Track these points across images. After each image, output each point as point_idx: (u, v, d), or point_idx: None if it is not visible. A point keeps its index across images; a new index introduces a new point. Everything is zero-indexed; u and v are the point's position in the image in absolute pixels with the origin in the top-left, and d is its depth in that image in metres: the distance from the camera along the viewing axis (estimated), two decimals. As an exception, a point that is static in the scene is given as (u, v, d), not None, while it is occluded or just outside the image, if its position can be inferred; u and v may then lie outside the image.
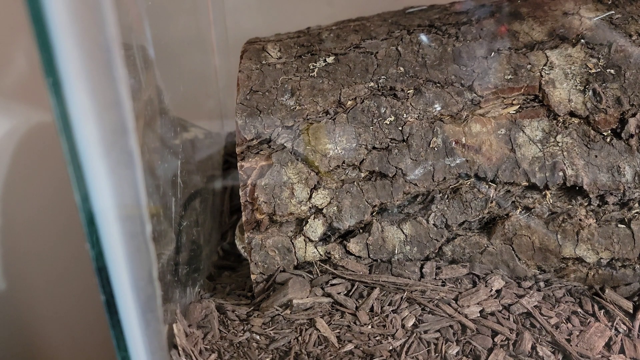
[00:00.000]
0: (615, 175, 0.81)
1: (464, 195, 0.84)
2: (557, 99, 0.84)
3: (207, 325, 0.80)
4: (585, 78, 0.85)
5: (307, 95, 0.88)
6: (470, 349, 0.76)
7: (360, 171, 0.85)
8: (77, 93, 0.46)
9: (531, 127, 0.84)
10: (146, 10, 1.12)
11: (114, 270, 0.51)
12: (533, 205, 0.84)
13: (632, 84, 0.83)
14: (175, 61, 1.18)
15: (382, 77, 0.89)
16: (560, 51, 0.88)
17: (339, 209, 0.85)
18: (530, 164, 0.83)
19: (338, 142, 0.85)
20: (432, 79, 0.88)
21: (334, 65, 0.91)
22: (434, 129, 0.85)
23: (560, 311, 0.81)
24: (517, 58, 0.88)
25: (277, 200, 0.85)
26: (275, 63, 0.93)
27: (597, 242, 0.83)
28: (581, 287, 0.86)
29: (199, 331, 0.79)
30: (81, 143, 0.48)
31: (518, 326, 0.79)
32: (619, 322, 0.81)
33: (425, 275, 0.84)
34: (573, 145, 0.83)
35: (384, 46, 0.93)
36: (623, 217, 0.83)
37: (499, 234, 0.84)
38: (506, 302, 0.82)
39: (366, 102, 0.87)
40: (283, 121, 0.87)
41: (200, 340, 0.77)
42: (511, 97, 0.85)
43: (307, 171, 0.85)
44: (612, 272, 0.85)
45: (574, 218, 0.83)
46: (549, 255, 0.84)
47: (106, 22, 0.48)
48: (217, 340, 0.78)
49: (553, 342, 0.77)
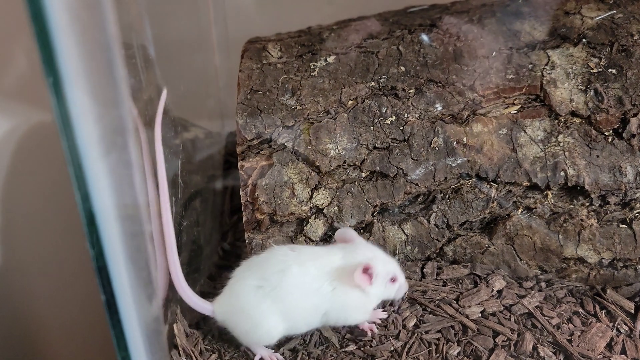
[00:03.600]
0: (617, 175, 0.81)
1: (465, 195, 0.84)
2: (558, 99, 0.84)
3: (207, 326, 0.80)
4: (587, 78, 0.85)
5: (308, 94, 0.88)
6: (471, 350, 0.76)
7: (361, 171, 0.85)
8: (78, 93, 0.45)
9: (532, 127, 0.84)
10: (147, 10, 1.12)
11: (114, 270, 0.51)
12: (534, 206, 0.83)
13: (634, 83, 0.83)
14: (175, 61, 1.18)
15: (383, 76, 0.88)
16: (562, 51, 0.87)
17: (339, 209, 0.84)
18: (531, 164, 0.82)
19: (339, 141, 0.85)
20: (433, 78, 0.88)
21: (335, 65, 0.91)
22: (435, 128, 0.85)
23: (562, 311, 0.81)
24: (518, 58, 0.88)
25: (278, 200, 0.84)
26: (276, 62, 0.93)
27: (598, 242, 0.83)
28: (583, 287, 0.85)
29: (199, 331, 0.78)
30: (81, 143, 0.48)
31: (519, 327, 0.79)
32: (620, 322, 0.81)
33: (426, 275, 0.84)
34: (575, 145, 0.82)
35: (385, 46, 0.92)
36: (625, 217, 0.82)
37: (500, 234, 0.84)
38: (507, 302, 0.81)
39: (367, 102, 0.87)
40: (284, 121, 0.87)
41: (201, 340, 0.77)
42: (512, 96, 0.85)
43: (308, 171, 0.85)
44: (613, 273, 0.84)
45: (576, 218, 0.82)
46: (551, 256, 0.84)
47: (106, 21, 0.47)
48: (217, 340, 0.78)
49: (554, 343, 0.77)
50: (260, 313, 0.72)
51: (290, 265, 0.72)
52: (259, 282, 0.73)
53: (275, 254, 0.75)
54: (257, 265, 0.75)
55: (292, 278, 0.72)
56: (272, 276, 0.72)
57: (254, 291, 0.72)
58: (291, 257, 0.73)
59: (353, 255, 0.74)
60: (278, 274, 0.72)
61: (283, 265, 0.73)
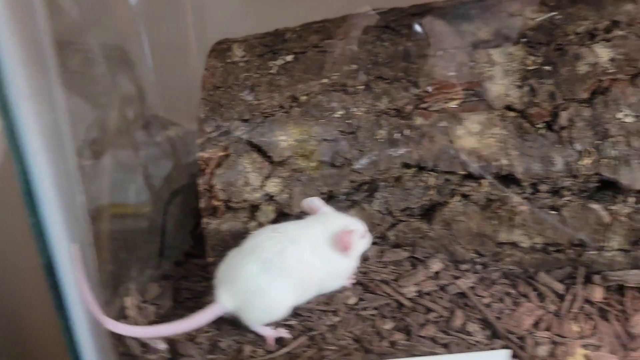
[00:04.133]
0: (547, 164, 0.87)
1: (405, 183, 0.90)
2: (495, 94, 0.90)
3: (161, 302, 0.86)
4: (523, 75, 0.90)
5: (265, 91, 0.95)
6: (404, 325, 0.82)
7: (311, 161, 0.91)
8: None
9: (470, 120, 0.89)
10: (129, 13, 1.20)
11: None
12: (470, 193, 0.89)
13: (566, 79, 0.89)
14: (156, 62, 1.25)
15: (335, 74, 0.95)
16: (502, 50, 0.93)
17: (290, 196, 0.91)
18: (468, 154, 0.88)
19: (291, 134, 0.92)
20: (382, 75, 0.94)
21: (292, 63, 0.98)
22: (379, 122, 0.91)
23: (494, 292, 0.87)
24: (461, 56, 0.94)
25: (233, 188, 0.91)
26: (238, 61, 1.00)
27: (530, 227, 0.88)
28: (517, 270, 0.91)
29: (153, 307, 0.85)
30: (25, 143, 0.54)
31: (452, 305, 0.84)
32: (549, 302, 0.86)
33: (369, 258, 0.90)
34: (508, 137, 0.88)
35: (340, 45, 0.99)
36: (554, 204, 0.88)
37: (439, 220, 0.90)
38: (443, 283, 0.87)
39: (319, 97, 0.93)
40: (241, 115, 0.93)
41: (153, 314, 0.83)
42: (453, 92, 0.91)
43: (261, 161, 0.91)
44: (545, 256, 0.90)
45: (508, 205, 0.88)
46: (486, 240, 0.90)
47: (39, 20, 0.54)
48: (170, 315, 0.84)
49: (483, 320, 0.82)
50: (274, 291, 0.79)
51: (286, 245, 0.80)
52: (262, 265, 0.79)
53: (265, 237, 0.82)
54: (253, 251, 0.81)
55: (291, 256, 0.80)
56: (273, 257, 0.79)
57: (260, 274, 0.79)
58: (283, 237, 0.81)
59: (331, 224, 0.82)
60: (278, 254, 0.79)
61: (280, 246, 0.80)
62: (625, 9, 0.92)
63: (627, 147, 0.85)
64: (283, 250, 0.80)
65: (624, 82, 0.87)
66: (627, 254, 0.89)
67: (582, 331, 0.82)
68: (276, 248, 0.80)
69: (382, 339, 0.80)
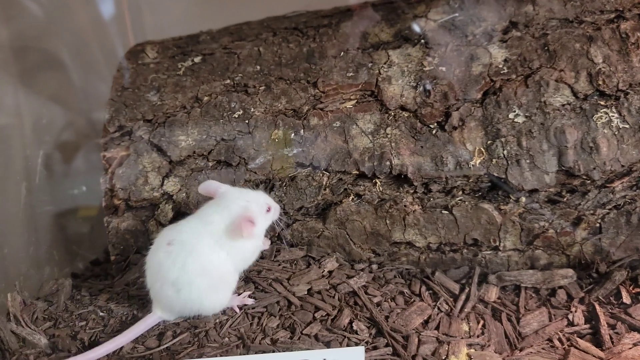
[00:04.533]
0: (439, 164, 0.87)
1: (299, 182, 0.90)
2: (390, 94, 0.90)
3: (54, 300, 0.87)
4: (419, 75, 0.91)
5: (170, 91, 0.96)
6: (290, 323, 0.82)
7: (209, 160, 0.92)
8: None
9: (364, 120, 0.90)
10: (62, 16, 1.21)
11: None
12: (364, 192, 0.90)
13: (460, 80, 0.89)
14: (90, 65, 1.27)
15: (239, 74, 0.96)
16: (401, 51, 0.94)
17: (187, 195, 0.92)
18: (361, 154, 0.89)
19: (190, 134, 0.92)
20: (283, 76, 0.95)
21: (200, 65, 0.99)
22: (276, 122, 0.92)
23: (387, 291, 0.87)
24: (361, 57, 0.94)
25: (133, 187, 0.92)
26: (150, 63, 1.01)
27: (423, 227, 0.89)
28: (414, 270, 0.91)
29: (45, 303, 0.86)
30: None
31: (341, 303, 0.85)
32: (442, 302, 0.86)
33: (265, 256, 0.91)
34: (401, 137, 0.89)
35: (248, 47, 1.00)
36: (446, 204, 0.88)
37: (333, 219, 0.91)
38: (335, 282, 0.87)
39: (220, 98, 0.94)
40: (144, 115, 0.94)
41: (40, 310, 0.84)
42: (350, 92, 0.92)
43: (160, 160, 0.92)
44: (441, 256, 0.90)
45: (400, 204, 0.88)
46: (381, 240, 0.90)
47: None
48: (60, 311, 0.85)
49: (370, 318, 0.83)
50: (205, 299, 0.80)
51: (185, 258, 0.78)
52: (174, 286, 0.78)
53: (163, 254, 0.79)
54: (159, 272, 0.79)
55: (193, 265, 0.78)
56: (179, 275, 0.78)
57: (178, 293, 0.78)
58: (180, 249, 0.78)
59: (228, 212, 0.79)
60: (182, 270, 0.78)
61: (180, 260, 0.78)
62: (525, 10, 0.93)
63: (517, 147, 0.86)
64: (185, 265, 0.78)
65: (516, 83, 0.88)
66: (523, 254, 0.89)
67: (470, 330, 0.82)
68: (178, 264, 0.78)
69: (266, 336, 0.80)
